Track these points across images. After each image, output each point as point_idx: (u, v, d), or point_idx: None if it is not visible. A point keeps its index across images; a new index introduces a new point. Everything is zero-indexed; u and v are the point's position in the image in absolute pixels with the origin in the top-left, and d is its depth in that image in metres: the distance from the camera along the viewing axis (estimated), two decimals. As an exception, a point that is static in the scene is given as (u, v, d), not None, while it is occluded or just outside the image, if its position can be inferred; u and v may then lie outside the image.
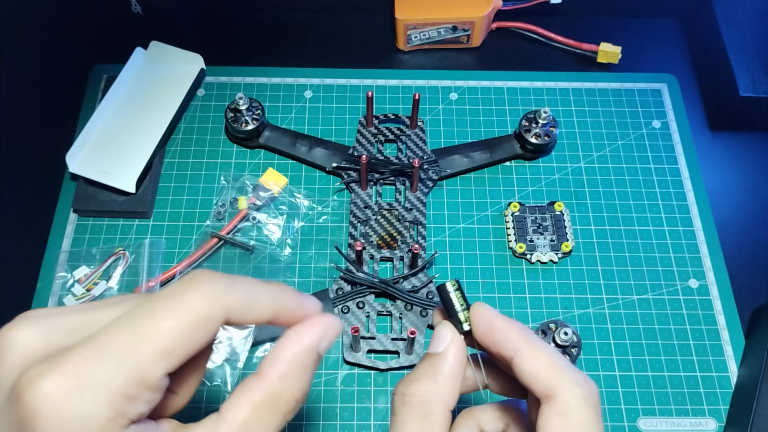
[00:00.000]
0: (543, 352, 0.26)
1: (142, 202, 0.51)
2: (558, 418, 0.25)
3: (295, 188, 0.53)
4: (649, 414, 0.45)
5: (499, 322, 0.27)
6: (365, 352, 0.46)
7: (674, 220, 0.53)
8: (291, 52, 0.62)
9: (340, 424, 0.45)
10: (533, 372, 0.26)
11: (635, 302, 0.49)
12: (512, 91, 0.59)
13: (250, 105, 0.54)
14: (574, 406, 0.25)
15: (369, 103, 0.53)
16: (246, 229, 0.51)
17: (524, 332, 0.27)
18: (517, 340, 0.27)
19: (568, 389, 0.25)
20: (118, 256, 0.49)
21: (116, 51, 0.57)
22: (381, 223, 0.51)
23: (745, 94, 0.56)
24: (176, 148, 0.55)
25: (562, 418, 0.25)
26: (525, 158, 0.55)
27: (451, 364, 0.27)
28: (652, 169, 0.55)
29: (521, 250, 0.50)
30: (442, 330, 0.28)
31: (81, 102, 0.58)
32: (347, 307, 0.47)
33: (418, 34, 0.60)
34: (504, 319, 0.28)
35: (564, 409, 0.25)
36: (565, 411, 0.25)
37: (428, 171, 0.53)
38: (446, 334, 0.28)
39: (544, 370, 0.26)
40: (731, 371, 0.47)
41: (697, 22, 0.64)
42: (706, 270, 0.51)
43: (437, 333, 0.28)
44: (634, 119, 0.58)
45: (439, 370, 0.27)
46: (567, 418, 0.25)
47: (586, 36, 0.61)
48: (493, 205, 0.53)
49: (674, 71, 0.61)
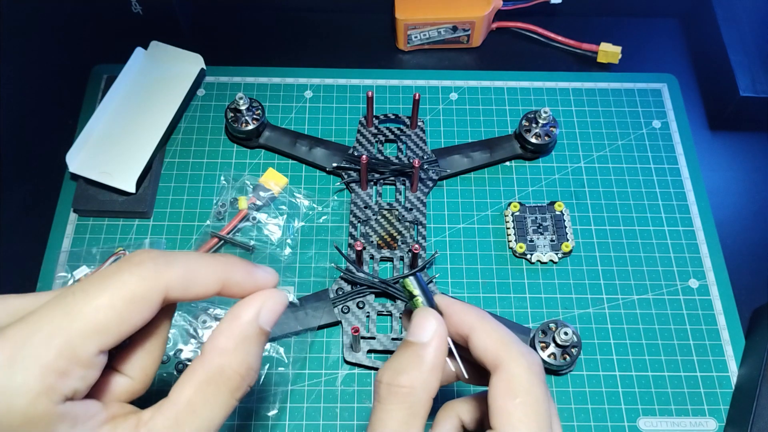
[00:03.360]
0: (493, 330, 0.28)
1: (142, 202, 0.51)
2: (504, 383, 0.27)
3: (295, 188, 0.53)
4: (649, 414, 0.45)
5: (456, 305, 0.30)
6: (365, 352, 0.46)
7: (674, 220, 0.53)
8: (291, 52, 0.62)
9: (340, 424, 0.45)
10: (484, 346, 0.28)
11: (635, 302, 0.49)
12: (512, 91, 0.59)
13: (250, 105, 0.54)
14: (518, 373, 0.27)
15: (369, 103, 0.53)
16: (246, 229, 0.51)
17: (479, 314, 0.29)
18: (473, 320, 0.29)
19: (513, 358, 0.27)
20: (118, 256, 0.49)
21: (116, 51, 0.57)
22: (381, 223, 0.51)
23: (745, 94, 0.56)
24: (176, 148, 0.55)
25: (508, 384, 0.27)
26: (525, 158, 0.55)
27: (436, 355, 0.28)
28: (652, 169, 0.55)
29: (521, 250, 0.50)
30: (425, 318, 0.28)
31: (81, 102, 0.58)
32: (347, 307, 0.47)
33: (418, 34, 0.60)
34: (461, 303, 0.30)
35: (509, 377, 0.27)
36: (510, 378, 0.27)
37: (428, 171, 0.53)
38: (430, 322, 0.28)
39: (493, 344, 0.28)
40: (731, 371, 0.47)
41: (697, 22, 0.64)
42: (706, 270, 0.51)
43: (419, 321, 0.28)
44: (634, 119, 0.58)
45: (425, 360, 0.27)
46: (512, 384, 0.27)
47: (586, 36, 0.62)
48: (493, 205, 0.53)
49: (674, 71, 0.61)
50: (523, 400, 0.26)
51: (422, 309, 0.29)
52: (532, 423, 0.26)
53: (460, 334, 0.29)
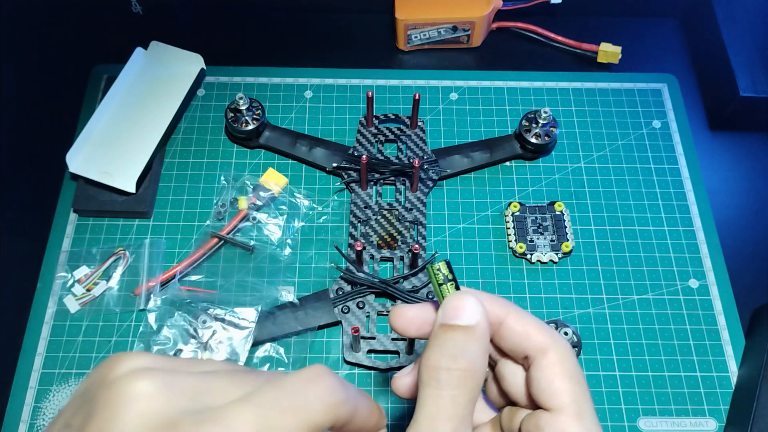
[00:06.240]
0: (528, 315, 0.29)
1: (142, 202, 0.51)
2: (557, 365, 0.28)
3: (295, 188, 0.53)
4: (649, 414, 0.45)
5: (482, 294, 0.30)
6: (365, 352, 0.46)
7: (674, 220, 0.53)
8: (291, 52, 0.62)
9: (341, 424, 0.45)
10: (526, 330, 0.29)
11: (635, 302, 0.49)
12: (512, 91, 0.59)
13: (250, 105, 0.54)
14: (568, 354, 0.28)
15: (369, 103, 0.53)
16: (246, 229, 0.51)
17: (506, 301, 0.30)
18: (506, 305, 0.29)
19: (558, 341, 0.28)
20: (119, 256, 0.49)
21: (116, 51, 0.57)
22: (381, 223, 0.51)
23: (745, 94, 0.56)
24: (176, 148, 0.55)
25: (561, 365, 0.28)
26: (525, 158, 0.55)
27: (486, 335, 0.28)
28: (652, 169, 0.55)
29: (521, 250, 0.50)
30: (466, 301, 0.28)
31: (81, 102, 0.58)
32: (347, 307, 0.47)
33: (418, 34, 0.60)
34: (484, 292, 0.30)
35: (561, 358, 0.28)
36: (561, 359, 0.28)
37: (428, 171, 0.53)
38: (474, 305, 0.28)
39: (537, 329, 0.28)
40: (731, 371, 0.47)
41: (697, 22, 0.64)
42: (706, 270, 0.51)
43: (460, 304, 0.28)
44: (634, 119, 0.58)
45: (480, 341, 0.28)
46: (565, 364, 0.28)
47: (586, 36, 0.62)
48: (493, 205, 0.53)
49: (674, 71, 0.61)
50: (578, 380, 0.27)
51: (459, 292, 0.29)
52: (588, 402, 0.27)
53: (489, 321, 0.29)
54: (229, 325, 0.47)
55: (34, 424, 0.44)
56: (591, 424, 0.27)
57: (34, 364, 0.46)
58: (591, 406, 0.27)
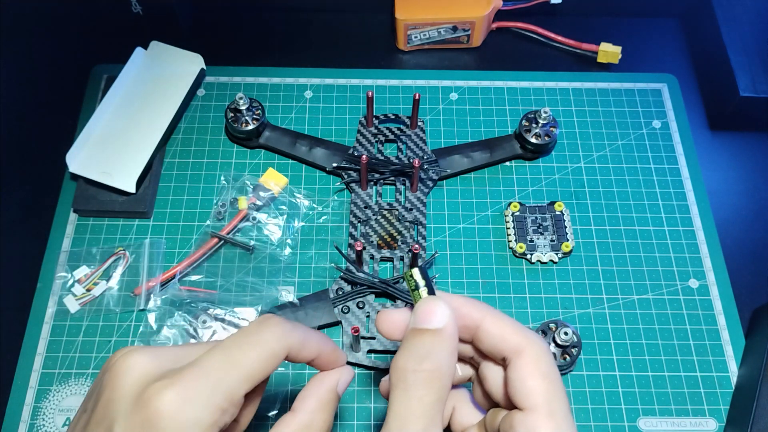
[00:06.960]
0: (504, 317, 0.30)
1: (142, 202, 0.51)
2: (532, 365, 0.28)
3: (295, 188, 0.53)
4: (649, 414, 0.45)
5: (458, 299, 0.31)
6: (365, 352, 0.46)
7: (674, 220, 0.53)
8: (291, 52, 0.62)
9: (340, 423, 0.45)
10: (502, 332, 0.30)
11: (635, 302, 0.49)
12: (512, 91, 0.59)
13: (250, 105, 0.54)
14: (542, 354, 0.29)
15: (369, 103, 0.53)
16: (246, 229, 0.51)
17: (484, 304, 0.31)
18: (482, 309, 0.31)
19: (533, 341, 0.29)
20: (119, 256, 0.49)
21: (116, 51, 0.57)
22: (381, 223, 0.51)
23: (745, 94, 0.56)
24: (176, 148, 0.55)
25: (535, 364, 0.28)
26: (525, 158, 0.55)
27: (453, 338, 0.29)
28: (652, 169, 0.55)
29: (521, 250, 0.50)
30: (435, 305, 0.29)
31: (81, 102, 0.58)
32: (347, 307, 0.47)
33: (418, 34, 0.60)
34: (462, 296, 0.32)
35: (535, 358, 0.29)
36: (536, 359, 0.29)
37: (428, 171, 0.53)
38: (442, 309, 0.29)
39: (512, 330, 0.30)
40: (731, 371, 0.47)
41: (697, 22, 0.64)
42: (706, 270, 0.51)
43: (430, 308, 0.29)
44: (634, 119, 0.58)
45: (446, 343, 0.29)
46: (539, 365, 0.28)
47: (586, 36, 0.62)
48: (493, 205, 0.53)
49: (674, 71, 0.61)
50: (552, 379, 0.28)
51: (429, 297, 0.30)
52: (562, 400, 0.28)
53: (467, 325, 0.30)
54: (229, 325, 0.47)
55: (34, 424, 0.44)
56: (563, 423, 0.27)
57: (34, 364, 0.46)
58: (565, 404, 0.28)
